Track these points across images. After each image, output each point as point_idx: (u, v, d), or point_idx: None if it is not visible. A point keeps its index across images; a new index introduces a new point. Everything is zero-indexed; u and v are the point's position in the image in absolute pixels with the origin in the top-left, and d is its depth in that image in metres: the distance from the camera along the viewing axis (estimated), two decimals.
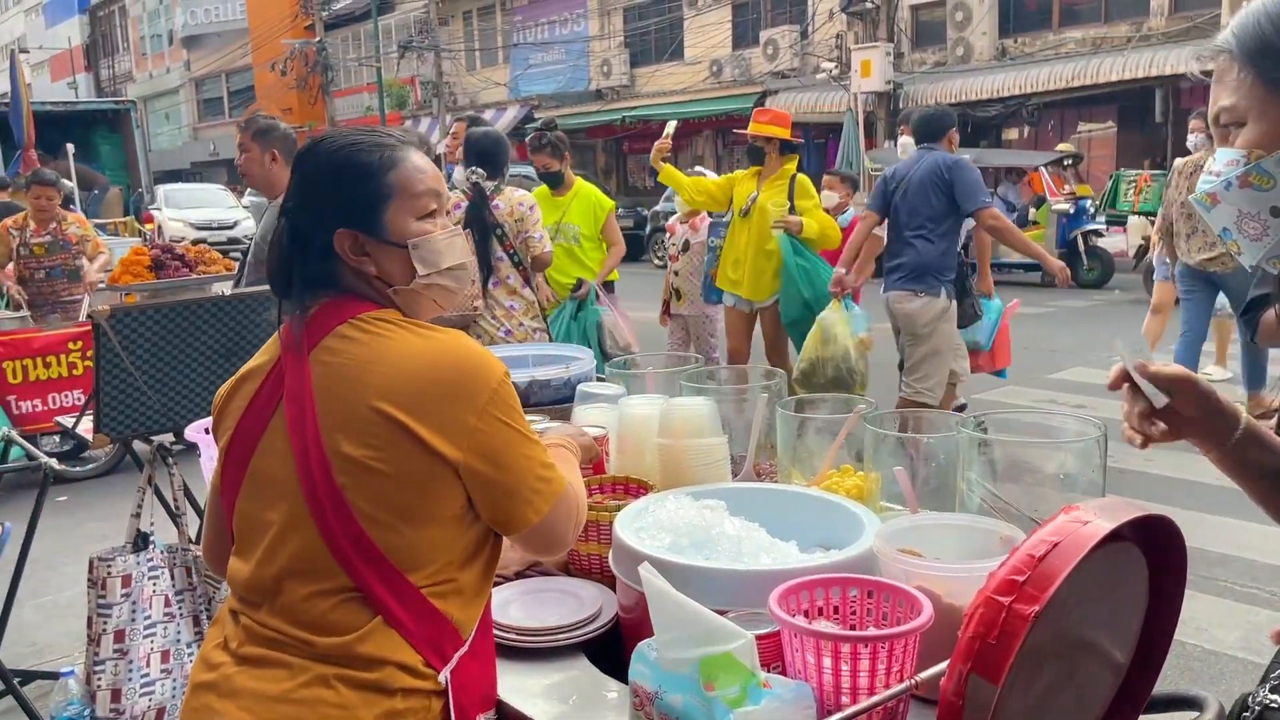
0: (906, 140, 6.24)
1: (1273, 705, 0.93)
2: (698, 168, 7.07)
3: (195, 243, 7.69)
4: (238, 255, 9.23)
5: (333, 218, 1.42)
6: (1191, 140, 7.08)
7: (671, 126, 5.89)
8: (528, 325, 4.49)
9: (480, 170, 4.43)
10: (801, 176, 5.69)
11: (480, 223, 4.40)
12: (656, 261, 17.98)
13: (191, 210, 19.15)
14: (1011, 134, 20.42)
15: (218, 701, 1.34)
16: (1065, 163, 14.72)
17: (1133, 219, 13.27)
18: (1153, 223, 11.80)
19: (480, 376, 1.37)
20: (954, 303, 5.21)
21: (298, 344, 1.40)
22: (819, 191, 6.05)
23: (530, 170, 6.34)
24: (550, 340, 4.62)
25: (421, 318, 1.48)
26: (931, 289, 5.11)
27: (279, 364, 1.42)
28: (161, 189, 20.19)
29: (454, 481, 1.36)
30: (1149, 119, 18.11)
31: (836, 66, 21.07)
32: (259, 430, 1.41)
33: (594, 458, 1.95)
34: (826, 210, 6.01)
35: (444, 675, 1.37)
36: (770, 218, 5.61)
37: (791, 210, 5.58)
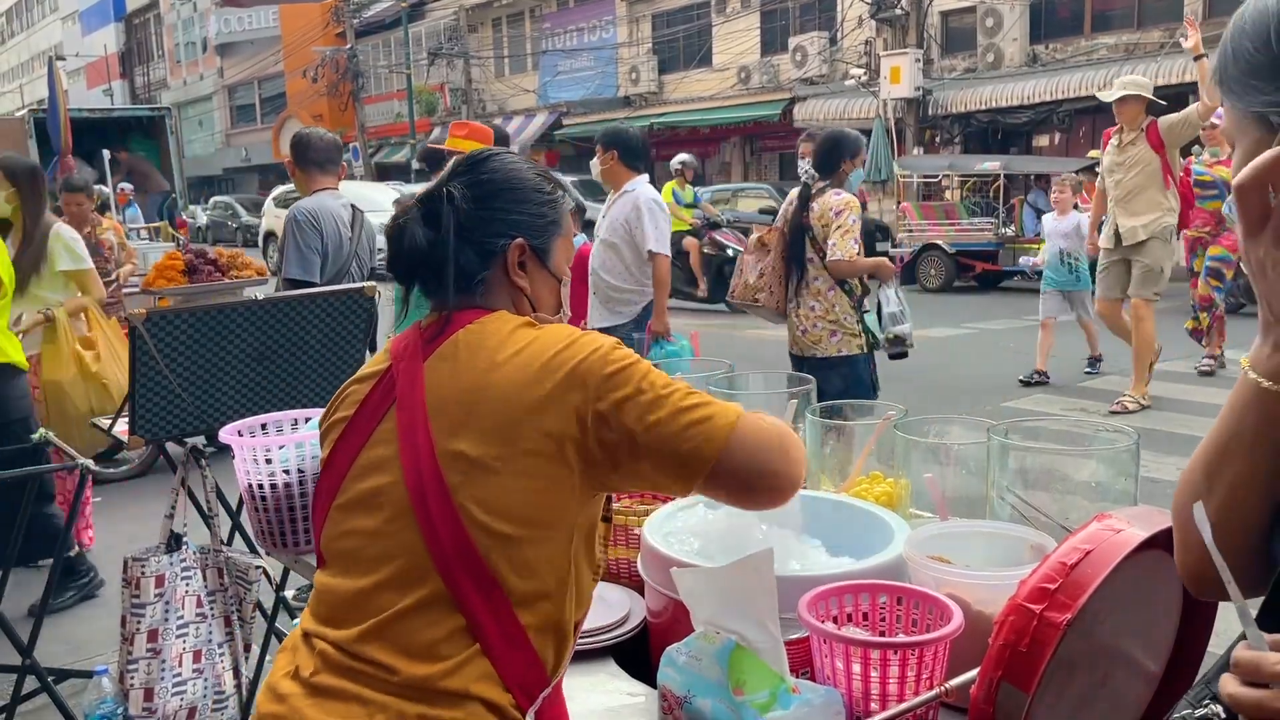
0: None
1: None
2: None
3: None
4: None
5: (512, 225, 1.43)
6: (802, 166, 5.32)
7: None
8: (822, 328, 4.42)
9: (812, 171, 4.53)
10: None
11: (796, 224, 4.47)
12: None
13: (372, 215, 19.23)
14: (1042, 141, 20.26)
15: None
16: (1097, 169, 14.61)
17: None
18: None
19: (591, 355, 1.30)
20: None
21: (413, 348, 1.37)
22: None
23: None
24: (861, 346, 4.44)
25: None
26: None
27: (390, 370, 1.39)
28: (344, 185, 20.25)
29: (573, 477, 1.29)
30: None
31: (865, 73, 21.00)
32: (364, 436, 1.37)
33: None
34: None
35: (530, 715, 1.29)
36: None
37: None
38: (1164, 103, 6.78)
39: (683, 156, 12.86)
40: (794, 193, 4.65)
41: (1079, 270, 7.80)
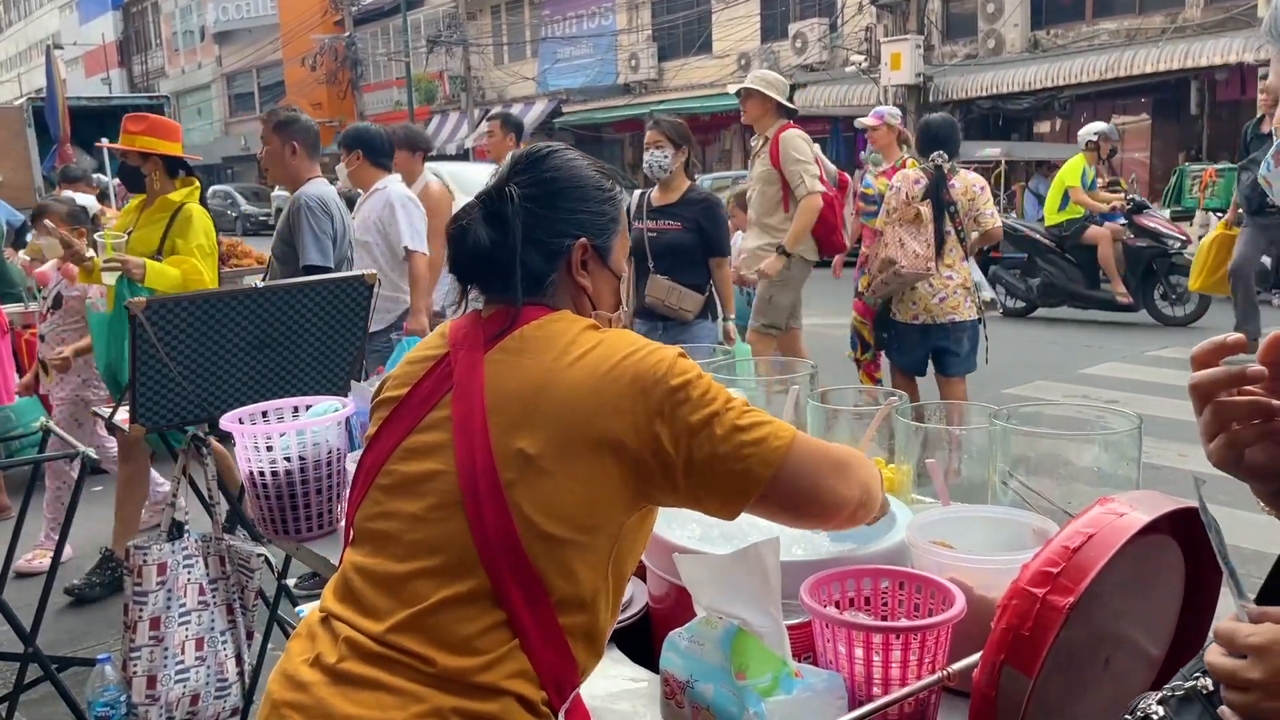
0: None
1: (1155, 716, 0.92)
2: None
3: None
4: None
5: (575, 225, 1.42)
6: (654, 156, 4.54)
7: None
8: (960, 295, 5.01)
9: (942, 153, 5.06)
10: (194, 211, 3.89)
11: (937, 200, 4.98)
12: None
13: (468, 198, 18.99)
14: (1043, 127, 20.23)
15: None
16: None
17: (1199, 216, 12.35)
18: (1221, 219, 11.58)
19: (655, 366, 1.29)
20: None
21: (474, 339, 1.36)
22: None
23: None
24: (981, 308, 5.14)
25: None
26: None
27: (447, 358, 1.37)
28: (444, 168, 20.04)
29: (626, 487, 1.27)
30: (1184, 111, 17.89)
31: (866, 59, 20.95)
32: (415, 419, 1.36)
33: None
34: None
35: (560, 715, 1.30)
36: (100, 262, 3.65)
37: (159, 253, 3.83)
38: (794, 107, 5.47)
39: (1098, 126, 9.55)
40: (912, 172, 5.14)
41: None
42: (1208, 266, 7.65)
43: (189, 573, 2.76)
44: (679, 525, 1.63)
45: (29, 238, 6.37)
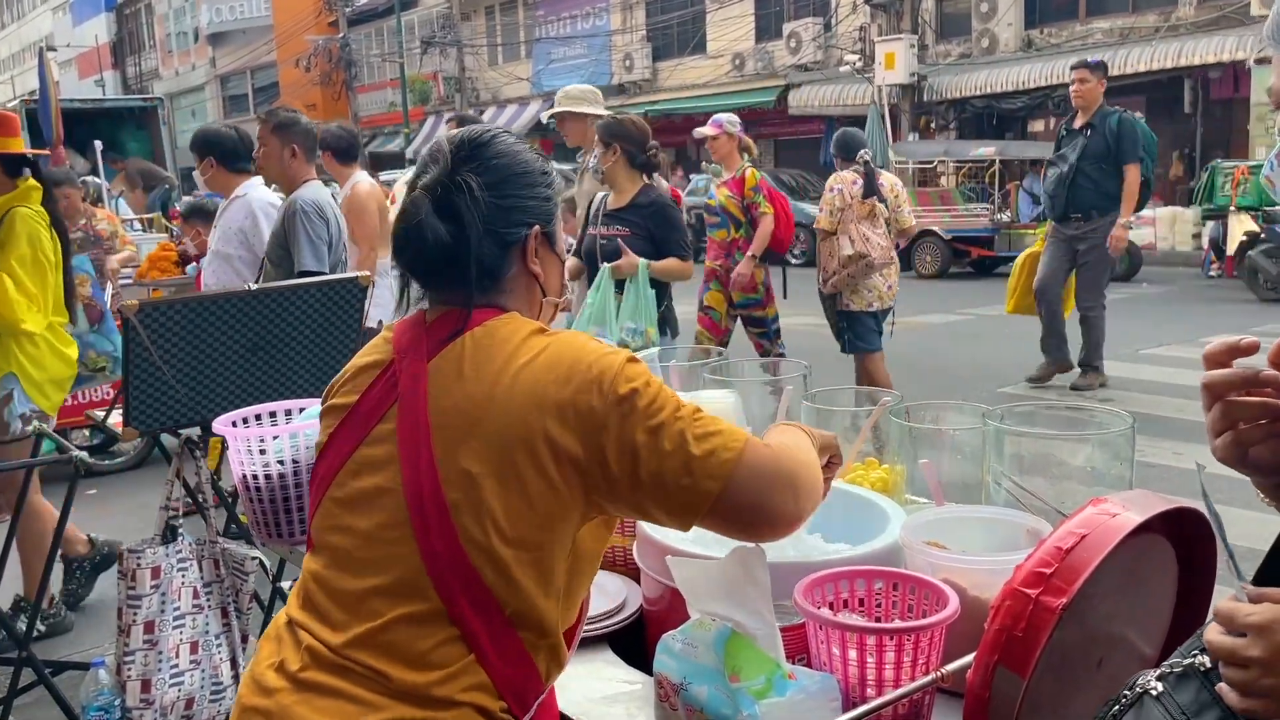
0: None
1: (1153, 691, 0.94)
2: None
3: None
4: None
5: (528, 213, 1.39)
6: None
7: None
8: (895, 281, 5.81)
9: (866, 151, 5.77)
10: (18, 216, 3.52)
11: (876, 196, 5.66)
12: None
13: None
14: (1037, 126, 20.24)
15: None
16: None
17: (1233, 215, 12.02)
18: (1254, 217, 11.17)
19: (601, 375, 1.25)
20: None
21: (419, 346, 1.32)
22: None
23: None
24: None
25: None
26: None
27: (393, 366, 1.34)
28: None
29: (574, 499, 1.25)
30: (1178, 110, 17.91)
31: (860, 59, 20.96)
32: (364, 430, 1.33)
33: (834, 452, 1.52)
34: None
35: None
36: None
37: None
38: (610, 114, 4.84)
39: None
40: (846, 175, 5.75)
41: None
42: (1020, 286, 7.11)
43: (183, 576, 2.75)
44: None
45: None
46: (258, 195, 4.33)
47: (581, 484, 1.25)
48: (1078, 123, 6.59)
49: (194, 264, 6.25)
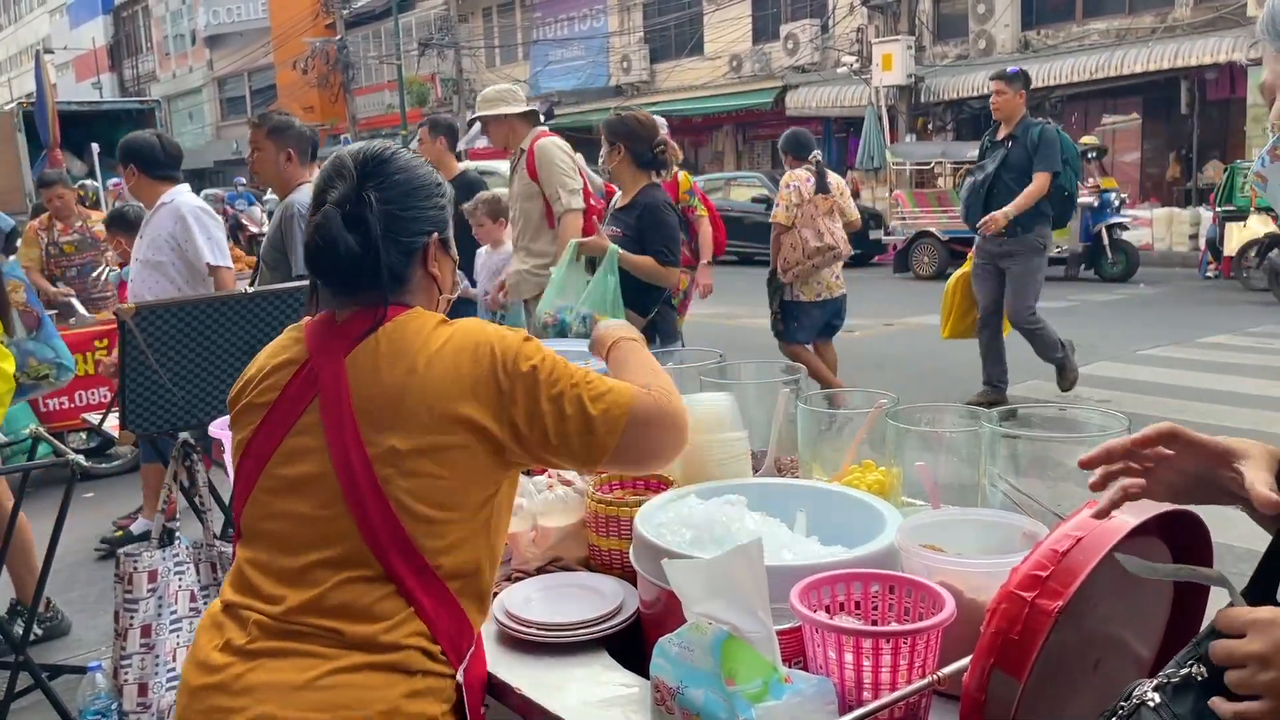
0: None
1: (1150, 703, 0.94)
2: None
3: None
4: None
5: (427, 223, 1.54)
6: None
7: None
8: (841, 273, 6.20)
9: (818, 153, 6.20)
10: None
11: (827, 193, 6.06)
12: None
13: None
14: None
15: (229, 700, 1.33)
16: (1089, 155, 14.56)
17: (1253, 215, 11.81)
18: (1274, 217, 11.02)
19: (504, 354, 1.43)
20: None
21: (333, 343, 1.46)
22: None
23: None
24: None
25: None
26: None
27: (309, 364, 1.47)
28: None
29: (492, 463, 1.43)
30: (1174, 111, 17.93)
31: (857, 60, 20.98)
32: (286, 425, 1.45)
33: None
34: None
35: (459, 672, 1.42)
36: None
37: None
38: (537, 110, 4.96)
39: None
40: (800, 173, 6.05)
41: (508, 321, 5.45)
42: (956, 310, 6.89)
43: (180, 580, 2.75)
44: (669, 530, 1.63)
45: (18, 243, 6.35)
46: (186, 200, 4.18)
47: (497, 449, 1.43)
48: (1000, 134, 6.43)
49: (115, 270, 6.25)
